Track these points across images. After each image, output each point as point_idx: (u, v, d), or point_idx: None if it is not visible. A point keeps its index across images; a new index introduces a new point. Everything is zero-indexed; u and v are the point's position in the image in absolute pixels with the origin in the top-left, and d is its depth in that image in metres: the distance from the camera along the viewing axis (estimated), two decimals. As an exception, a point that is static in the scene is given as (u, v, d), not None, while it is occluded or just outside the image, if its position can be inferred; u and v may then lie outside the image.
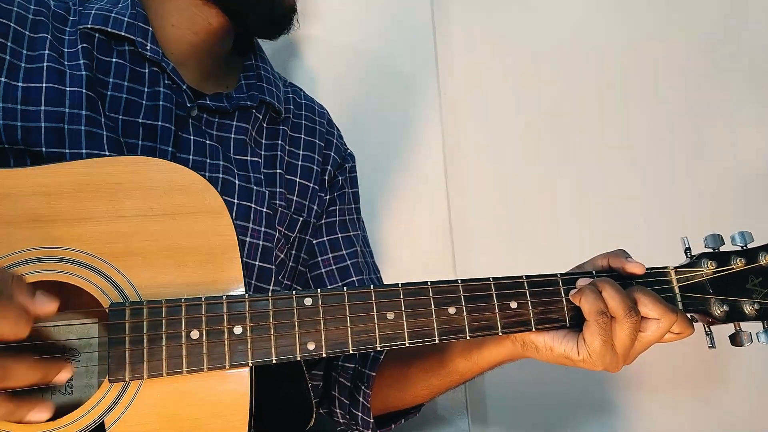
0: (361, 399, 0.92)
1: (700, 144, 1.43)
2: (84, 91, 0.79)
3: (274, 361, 0.67)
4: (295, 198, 0.96)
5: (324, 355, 0.68)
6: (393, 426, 0.96)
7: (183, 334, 0.66)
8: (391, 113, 1.32)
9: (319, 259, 0.99)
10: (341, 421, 0.98)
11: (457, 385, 0.90)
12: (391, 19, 1.34)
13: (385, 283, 1.04)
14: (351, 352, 0.69)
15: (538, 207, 1.37)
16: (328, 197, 1.01)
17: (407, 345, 0.70)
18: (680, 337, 0.75)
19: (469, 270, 1.30)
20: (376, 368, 0.93)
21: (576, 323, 0.74)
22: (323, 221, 1.00)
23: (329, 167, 1.02)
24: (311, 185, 0.98)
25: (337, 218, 1.01)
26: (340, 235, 1.00)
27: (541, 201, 1.37)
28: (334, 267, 0.98)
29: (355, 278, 0.98)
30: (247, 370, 0.67)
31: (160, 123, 0.84)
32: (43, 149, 0.76)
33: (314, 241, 0.99)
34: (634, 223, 1.35)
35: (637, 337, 0.72)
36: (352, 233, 1.02)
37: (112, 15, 0.84)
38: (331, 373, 0.98)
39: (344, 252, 0.99)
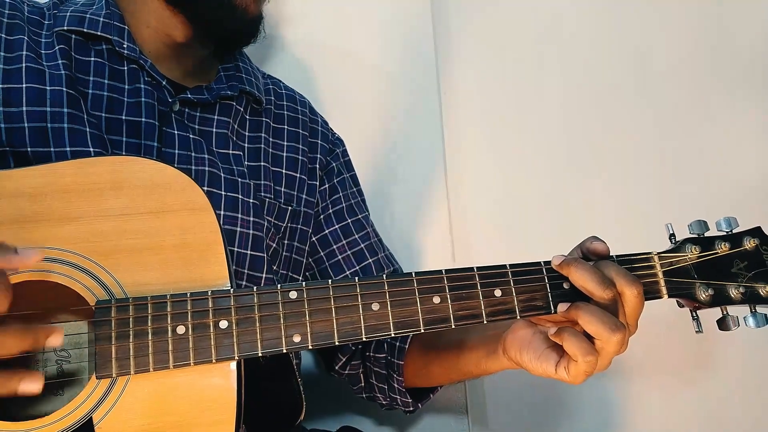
0: (395, 385, 0.98)
1: (698, 144, 1.43)
2: (64, 89, 0.80)
3: (260, 354, 0.67)
4: (282, 189, 0.97)
5: (310, 347, 0.69)
6: (431, 396, 1.02)
7: (169, 329, 0.66)
8: (391, 113, 1.33)
9: (334, 247, 1.02)
10: (383, 403, 1.04)
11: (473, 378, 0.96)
12: (391, 19, 1.34)
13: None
14: (337, 343, 0.69)
15: (537, 206, 1.38)
16: (327, 185, 1.04)
17: (392, 335, 0.70)
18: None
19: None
20: (402, 357, 0.97)
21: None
22: (330, 210, 1.03)
23: (318, 155, 1.03)
24: (298, 175, 1.00)
25: (344, 204, 1.04)
26: (349, 221, 1.04)
27: (541, 200, 1.38)
28: (349, 252, 1.02)
29: (370, 260, 1.03)
30: (234, 364, 0.68)
31: (143, 119, 0.85)
32: (29, 149, 0.77)
33: (326, 231, 1.02)
34: (631, 222, 1.36)
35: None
36: (360, 216, 1.06)
37: (87, 16, 0.85)
38: (366, 364, 1.03)
39: (357, 236, 1.03)
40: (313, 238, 1.02)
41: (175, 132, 0.87)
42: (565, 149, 1.40)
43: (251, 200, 0.89)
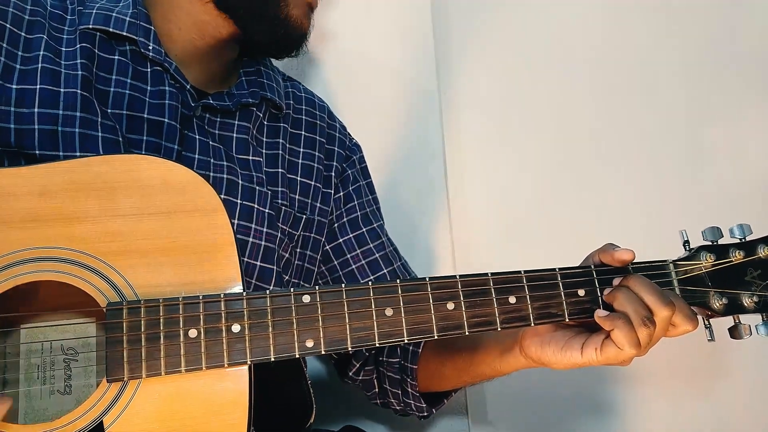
0: (409, 390, 0.97)
1: (699, 144, 1.43)
2: (79, 92, 0.78)
3: (272, 359, 0.67)
4: (297, 197, 0.96)
5: (323, 352, 0.68)
6: (445, 401, 1.01)
7: (181, 332, 0.66)
8: (391, 113, 1.32)
9: (348, 256, 1.01)
10: (397, 408, 1.03)
11: (486, 381, 0.95)
12: (391, 20, 1.33)
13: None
14: (350, 349, 0.69)
15: (538, 206, 1.37)
16: (342, 193, 1.03)
17: (405, 341, 0.69)
18: (678, 331, 0.75)
19: (469, 269, 1.30)
20: (416, 361, 0.96)
21: (575, 318, 0.75)
22: (345, 219, 1.02)
23: (334, 163, 1.02)
24: (313, 183, 0.98)
25: (359, 212, 1.03)
26: (364, 229, 1.02)
27: (541, 200, 1.37)
28: (363, 262, 1.01)
29: (386, 270, 1.01)
30: (245, 368, 0.67)
31: (166, 120, 0.83)
32: (37, 152, 0.75)
33: (340, 239, 1.01)
34: (633, 223, 1.36)
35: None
36: (375, 224, 1.04)
37: (113, 14, 0.84)
38: (379, 369, 1.02)
39: (371, 245, 1.02)
40: (327, 247, 1.01)
41: (197, 137, 0.86)
42: (567, 150, 1.39)
43: (267, 210, 0.88)
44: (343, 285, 0.70)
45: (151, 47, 0.84)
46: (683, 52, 1.45)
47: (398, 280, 0.71)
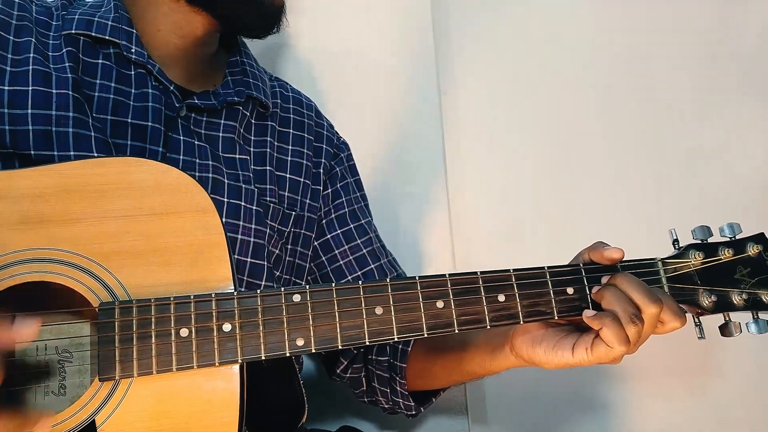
0: (398, 388, 0.98)
1: (698, 144, 1.43)
2: (70, 93, 0.79)
3: (263, 358, 0.68)
4: (286, 194, 0.97)
5: (313, 350, 0.69)
6: (434, 400, 1.02)
7: (172, 331, 0.66)
8: (391, 114, 1.32)
9: (336, 252, 1.02)
10: (385, 407, 1.04)
11: (475, 380, 0.97)
12: (390, 20, 1.34)
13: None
14: (340, 347, 0.69)
15: (537, 206, 1.37)
16: (330, 190, 1.04)
17: (396, 339, 0.70)
18: (666, 328, 0.75)
19: (469, 269, 1.30)
20: (405, 360, 0.97)
21: (564, 316, 0.75)
22: (333, 215, 1.03)
23: (323, 160, 1.03)
24: (302, 180, 0.99)
25: (347, 209, 1.04)
26: (352, 226, 1.03)
27: (541, 200, 1.38)
28: (351, 257, 1.02)
29: (373, 265, 1.03)
30: (237, 366, 0.68)
31: (149, 123, 0.84)
32: (32, 152, 0.76)
33: (328, 235, 1.02)
34: (631, 223, 1.36)
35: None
36: (363, 221, 1.05)
37: (96, 19, 0.85)
38: (368, 367, 1.02)
39: (359, 241, 1.03)
40: (316, 243, 1.01)
41: (181, 137, 0.86)
42: (566, 151, 1.40)
43: (254, 207, 0.89)
44: (333, 284, 0.71)
45: (133, 50, 0.85)
46: (683, 51, 1.45)
47: (388, 279, 0.72)
